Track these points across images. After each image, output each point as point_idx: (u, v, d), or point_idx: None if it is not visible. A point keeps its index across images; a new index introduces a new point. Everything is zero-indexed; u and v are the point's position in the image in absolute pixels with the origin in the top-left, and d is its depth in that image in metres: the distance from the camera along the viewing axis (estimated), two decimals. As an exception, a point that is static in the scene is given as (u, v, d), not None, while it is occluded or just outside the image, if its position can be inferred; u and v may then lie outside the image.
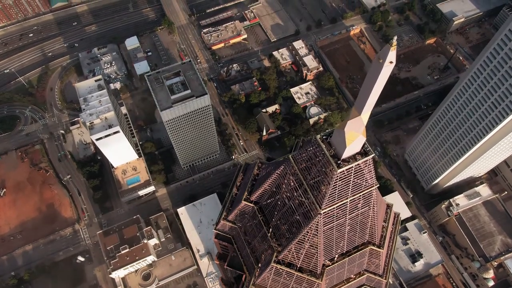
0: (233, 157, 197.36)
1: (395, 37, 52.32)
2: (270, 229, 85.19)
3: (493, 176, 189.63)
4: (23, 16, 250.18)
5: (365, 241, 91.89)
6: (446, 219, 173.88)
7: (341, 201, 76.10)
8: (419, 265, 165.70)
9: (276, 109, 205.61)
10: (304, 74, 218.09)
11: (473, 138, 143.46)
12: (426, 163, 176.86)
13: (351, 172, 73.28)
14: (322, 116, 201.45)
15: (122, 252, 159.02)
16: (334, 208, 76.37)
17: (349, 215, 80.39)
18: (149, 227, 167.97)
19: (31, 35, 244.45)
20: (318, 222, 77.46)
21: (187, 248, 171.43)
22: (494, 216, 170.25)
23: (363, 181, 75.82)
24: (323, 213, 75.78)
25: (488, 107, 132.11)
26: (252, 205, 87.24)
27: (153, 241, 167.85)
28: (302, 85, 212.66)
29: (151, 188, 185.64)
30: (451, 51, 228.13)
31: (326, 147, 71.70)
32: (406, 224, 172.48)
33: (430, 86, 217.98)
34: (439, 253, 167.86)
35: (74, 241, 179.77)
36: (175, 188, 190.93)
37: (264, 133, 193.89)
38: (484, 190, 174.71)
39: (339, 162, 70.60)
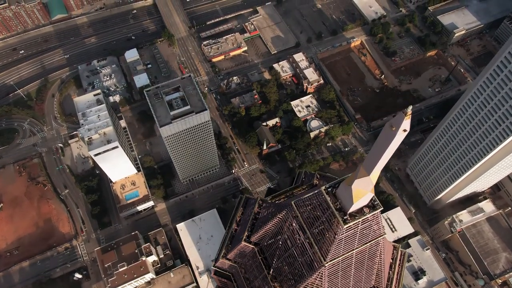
0: (233, 171, 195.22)
1: (410, 107, 50.73)
2: (271, 271, 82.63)
3: (496, 191, 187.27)
4: (23, 28, 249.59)
5: (372, 286, 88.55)
6: (449, 235, 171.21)
7: (347, 253, 73.22)
8: (422, 282, 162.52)
9: (276, 122, 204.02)
10: (305, 87, 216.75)
11: (478, 154, 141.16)
12: (429, 178, 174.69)
13: (358, 226, 70.40)
14: (323, 130, 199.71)
15: (120, 269, 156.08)
16: (339, 260, 73.37)
17: (355, 264, 77.35)
18: (148, 243, 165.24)
19: (30, 47, 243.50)
20: (322, 273, 74.49)
21: (186, 265, 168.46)
22: (498, 232, 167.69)
23: (370, 232, 73.10)
24: (328, 265, 72.89)
25: (492, 124, 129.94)
26: (252, 246, 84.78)
27: (151, 258, 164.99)
28: (303, 98, 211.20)
29: (150, 203, 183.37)
30: (452, 63, 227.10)
31: (331, 199, 68.89)
32: (408, 241, 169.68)
33: (431, 99, 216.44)
34: (442, 270, 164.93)
35: (72, 258, 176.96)
36: (174, 202, 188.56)
37: (265, 147, 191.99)
38: (487, 206, 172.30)
39: (345, 217, 67.60)
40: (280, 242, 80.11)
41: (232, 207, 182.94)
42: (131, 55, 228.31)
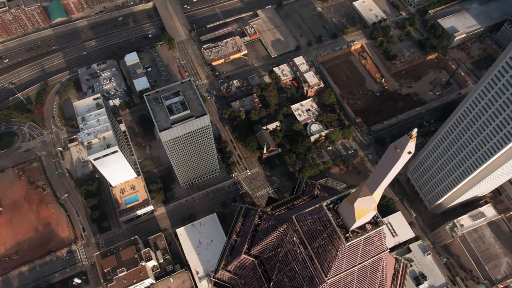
0: (233, 175, 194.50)
1: (415, 130, 50.43)
2: (272, 284, 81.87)
3: (497, 195, 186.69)
4: (23, 31, 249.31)
5: None
6: (450, 240, 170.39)
7: (349, 269, 72.47)
8: (423, 287, 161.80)
9: (276, 126, 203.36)
10: (305, 91, 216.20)
11: (479, 159, 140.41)
12: (429, 183, 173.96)
13: (361, 243, 69.58)
14: (323, 134, 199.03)
15: (120, 274, 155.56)
16: (341, 276, 72.62)
17: (357, 279, 76.49)
18: (147, 248, 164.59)
19: (31, 50, 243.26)
20: None
21: (186, 270, 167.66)
22: (499, 237, 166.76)
23: (373, 248, 72.28)
24: (329, 281, 72.11)
25: (494, 129, 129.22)
26: (252, 259, 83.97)
27: (151, 263, 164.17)
28: (303, 102, 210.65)
29: (150, 208, 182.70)
30: (453, 66, 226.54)
31: (333, 216, 68.20)
32: (409, 245, 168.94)
33: (432, 103, 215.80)
34: (443, 276, 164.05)
35: (71, 262, 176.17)
36: (174, 207, 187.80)
37: (265, 151, 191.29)
38: (488, 210, 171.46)
39: (347, 234, 66.84)
40: (281, 256, 79.24)
41: (232, 211, 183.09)
42: (131, 58, 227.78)
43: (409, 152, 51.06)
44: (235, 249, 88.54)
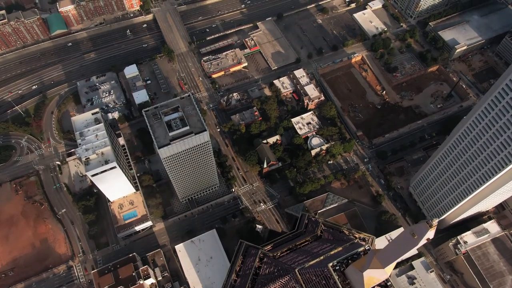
0: (233, 190, 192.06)
1: (436, 220, 49.10)
2: None
3: (500, 210, 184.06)
4: (22, 43, 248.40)
5: None
6: (454, 257, 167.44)
7: None
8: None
9: (277, 140, 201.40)
10: (306, 103, 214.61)
11: (485, 175, 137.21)
12: (432, 198, 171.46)
13: None
14: (324, 148, 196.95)
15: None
16: None
17: None
18: (146, 266, 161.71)
19: (30, 62, 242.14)
20: None
21: (185, 287, 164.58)
22: (503, 254, 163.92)
23: None
24: None
25: (500, 145, 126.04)
26: None
27: (149, 281, 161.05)
28: (304, 115, 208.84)
29: (149, 223, 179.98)
30: (454, 79, 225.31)
31: (339, 278, 65.36)
32: (412, 262, 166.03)
33: (433, 116, 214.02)
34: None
35: (68, 279, 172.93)
36: (173, 222, 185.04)
37: (265, 165, 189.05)
38: (492, 227, 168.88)
39: None
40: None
41: (231, 227, 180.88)
42: (131, 71, 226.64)
43: (428, 239, 49.95)
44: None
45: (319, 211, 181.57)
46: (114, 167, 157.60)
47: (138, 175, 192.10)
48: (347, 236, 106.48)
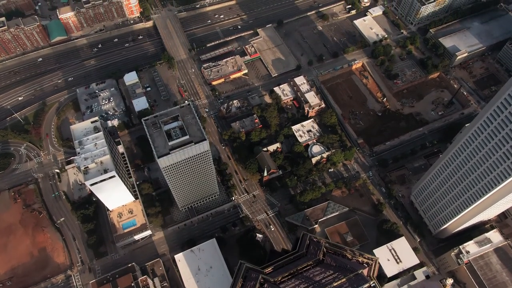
0: (233, 198, 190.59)
1: (451, 280, 47.10)
2: None
3: (502, 219, 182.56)
4: (22, 50, 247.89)
5: None
6: (456, 267, 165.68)
7: None
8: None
9: (277, 147, 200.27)
10: (306, 111, 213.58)
11: (488, 184, 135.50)
12: (434, 207, 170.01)
13: None
14: (324, 155, 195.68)
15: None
16: None
17: None
18: (145, 276, 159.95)
19: (29, 69, 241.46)
20: None
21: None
22: (506, 264, 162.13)
23: None
24: None
25: (503, 154, 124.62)
26: None
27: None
28: (304, 123, 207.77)
29: (148, 232, 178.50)
30: (455, 85, 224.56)
31: None
32: (414, 272, 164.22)
33: (435, 123, 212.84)
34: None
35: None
36: (172, 231, 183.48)
37: (265, 173, 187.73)
38: (494, 236, 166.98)
39: None
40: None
41: (231, 236, 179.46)
42: (130, 78, 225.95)
43: None
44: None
45: (320, 220, 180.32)
46: (113, 176, 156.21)
47: (137, 183, 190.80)
48: (350, 262, 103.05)
